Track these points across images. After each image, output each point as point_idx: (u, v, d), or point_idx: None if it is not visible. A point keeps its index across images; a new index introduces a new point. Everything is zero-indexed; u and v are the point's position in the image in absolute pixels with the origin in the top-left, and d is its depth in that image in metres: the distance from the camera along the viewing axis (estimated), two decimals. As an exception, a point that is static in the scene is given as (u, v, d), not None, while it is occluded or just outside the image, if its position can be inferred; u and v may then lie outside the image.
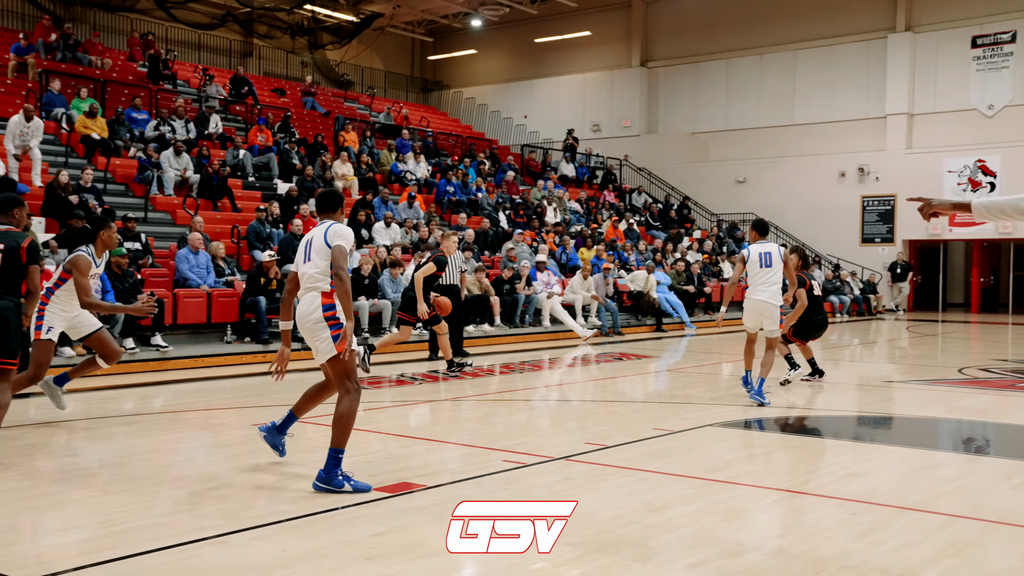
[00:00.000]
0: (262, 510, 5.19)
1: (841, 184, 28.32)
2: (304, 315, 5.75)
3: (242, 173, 18.43)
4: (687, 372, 13.21)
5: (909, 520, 5.10)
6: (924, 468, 6.54)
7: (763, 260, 9.18)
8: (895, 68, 27.57)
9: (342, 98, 28.85)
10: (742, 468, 6.36)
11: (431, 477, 5.98)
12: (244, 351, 12.71)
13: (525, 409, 9.40)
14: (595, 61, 33.60)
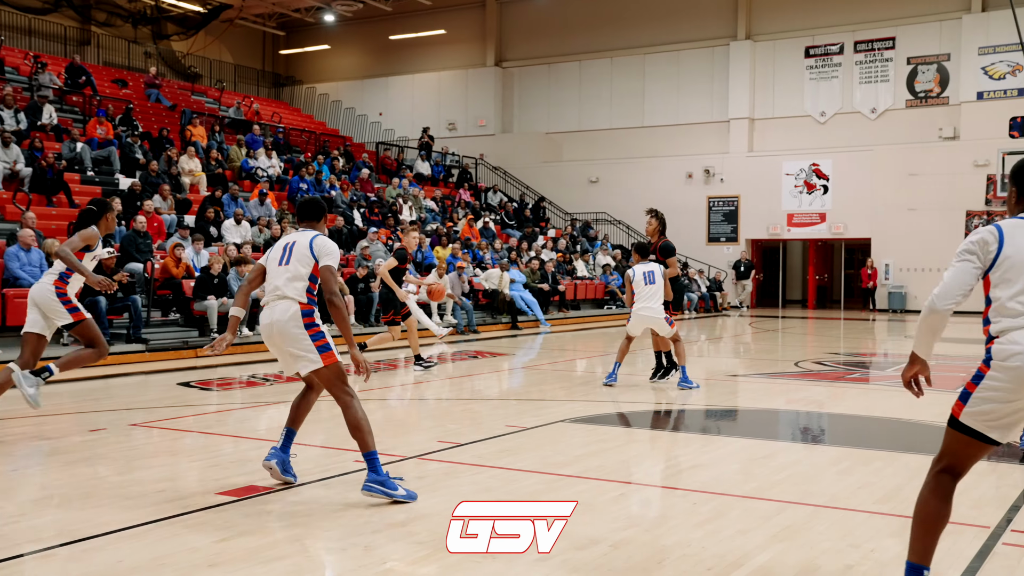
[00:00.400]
0: (97, 520, 4.95)
1: (688, 185, 29.36)
2: (280, 322, 5.47)
3: (80, 167, 17.54)
4: (542, 369, 13.41)
5: (745, 507, 5.34)
6: (761, 457, 6.86)
7: (647, 278, 10.43)
8: (737, 74, 28.82)
9: (189, 91, 27.85)
10: (591, 463, 6.51)
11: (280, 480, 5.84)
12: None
13: (380, 408, 9.32)
14: (450, 60, 33.66)
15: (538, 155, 31.93)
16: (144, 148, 19.37)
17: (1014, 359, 3.34)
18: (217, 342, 5.79)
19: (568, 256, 24.96)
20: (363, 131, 32.76)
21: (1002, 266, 3.44)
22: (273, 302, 5.56)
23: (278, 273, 5.60)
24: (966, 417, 3.45)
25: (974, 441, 3.46)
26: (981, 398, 3.41)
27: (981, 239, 3.49)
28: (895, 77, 27.12)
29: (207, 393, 10.26)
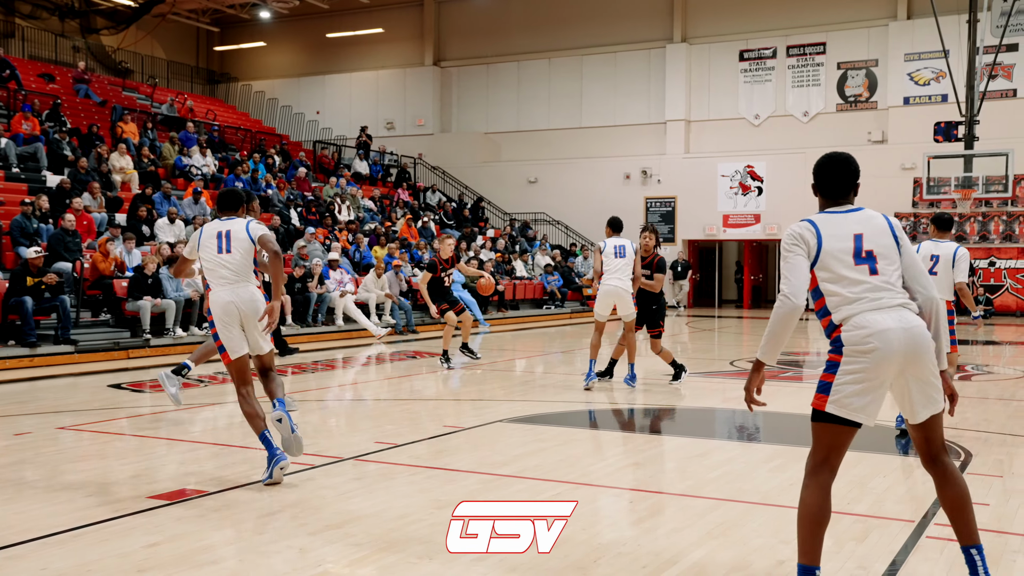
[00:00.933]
0: (21, 526, 4.82)
1: (626, 185, 29.61)
2: (247, 301, 6.06)
3: (4, 163, 17.03)
4: (482, 369, 13.40)
5: (680, 505, 5.40)
6: (696, 456, 6.95)
7: (617, 251, 10.20)
8: (673, 77, 29.15)
9: (120, 87, 27.24)
10: (528, 462, 6.52)
11: (214, 483, 5.76)
12: (7, 355, 11.76)
13: (317, 410, 9.23)
14: (388, 59, 33.46)
15: (477, 155, 31.90)
16: (73, 145, 18.89)
17: (869, 340, 3.51)
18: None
19: (507, 256, 25.00)
20: (300, 129, 32.39)
21: (825, 258, 3.65)
22: (231, 286, 6.07)
23: (224, 261, 6.10)
24: (832, 407, 3.55)
25: (843, 428, 3.58)
26: (842, 385, 3.54)
27: (799, 234, 3.71)
28: (826, 81, 27.70)
29: (139, 395, 10.05)
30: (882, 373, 3.52)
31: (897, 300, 3.61)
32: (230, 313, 6.03)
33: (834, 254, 3.65)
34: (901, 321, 3.55)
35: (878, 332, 3.51)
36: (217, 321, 6.06)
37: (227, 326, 6.04)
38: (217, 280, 6.10)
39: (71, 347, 12.48)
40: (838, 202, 3.83)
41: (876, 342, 3.49)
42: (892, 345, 3.50)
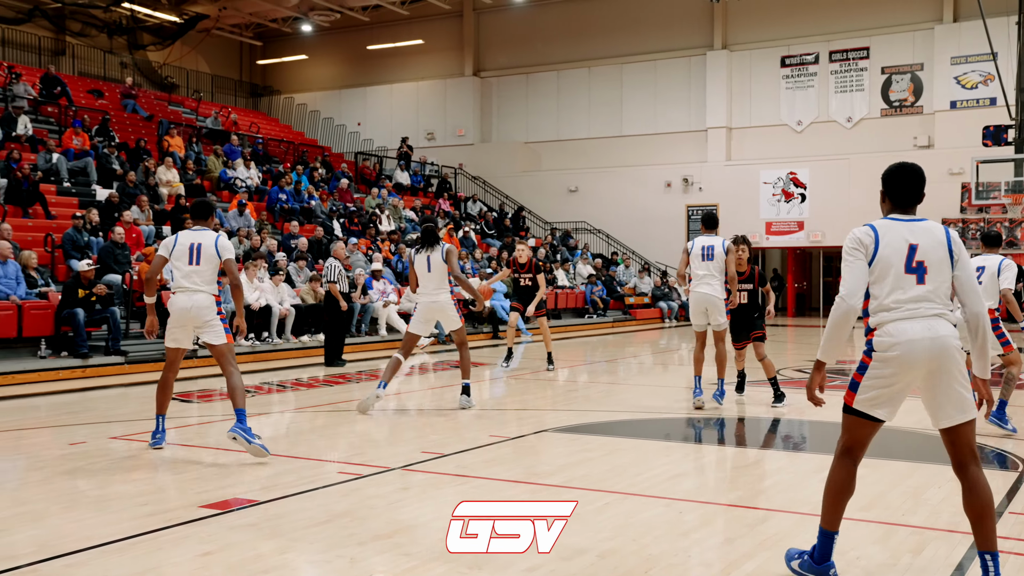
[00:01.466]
0: (79, 534, 4.90)
1: (667, 194, 29.48)
2: (200, 308, 7.17)
3: (56, 178, 17.38)
4: (524, 379, 13.39)
5: (731, 516, 5.35)
6: (745, 465, 6.88)
7: (705, 253, 9.23)
8: (714, 84, 28.99)
9: (166, 101, 27.69)
10: (575, 472, 6.50)
11: (263, 492, 5.81)
12: (60, 366, 11.98)
13: (361, 420, 9.28)
14: (428, 69, 33.66)
15: (517, 164, 31.96)
16: (121, 159, 19.22)
17: (893, 349, 3.84)
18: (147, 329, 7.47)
19: (548, 265, 24.98)
20: (341, 141, 32.68)
21: (878, 264, 3.90)
22: (191, 293, 7.18)
23: (190, 271, 7.21)
24: (858, 404, 3.97)
25: (866, 422, 3.98)
26: (868, 385, 3.92)
27: (859, 238, 3.97)
28: (870, 86, 27.37)
29: (187, 405, 10.17)
30: (904, 379, 3.85)
31: (935, 310, 3.84)
32: (182, 319, 7.21)
33: (887, 260, 3.88)
34: (930, 331, 3.80)
35: (904, 342, 3.80)
36: (170, 321, 7.26)
37: (175, 327, 7.25)
38: (180, 286, 7.22)
39: (121, 358, 12.68)
40: (904, 210, 4.03)
41: (900, 351, 3.81)
42: (915, 354, 3.79)
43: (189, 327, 7.28)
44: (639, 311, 25.79)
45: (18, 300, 12.25)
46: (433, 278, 9.34)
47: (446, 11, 32.60)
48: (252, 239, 17.55)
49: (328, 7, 30.89)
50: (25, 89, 21.31)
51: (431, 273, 9.34)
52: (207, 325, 7.24)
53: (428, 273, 9.35)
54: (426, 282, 9.36)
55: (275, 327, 14.86)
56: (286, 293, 15.57)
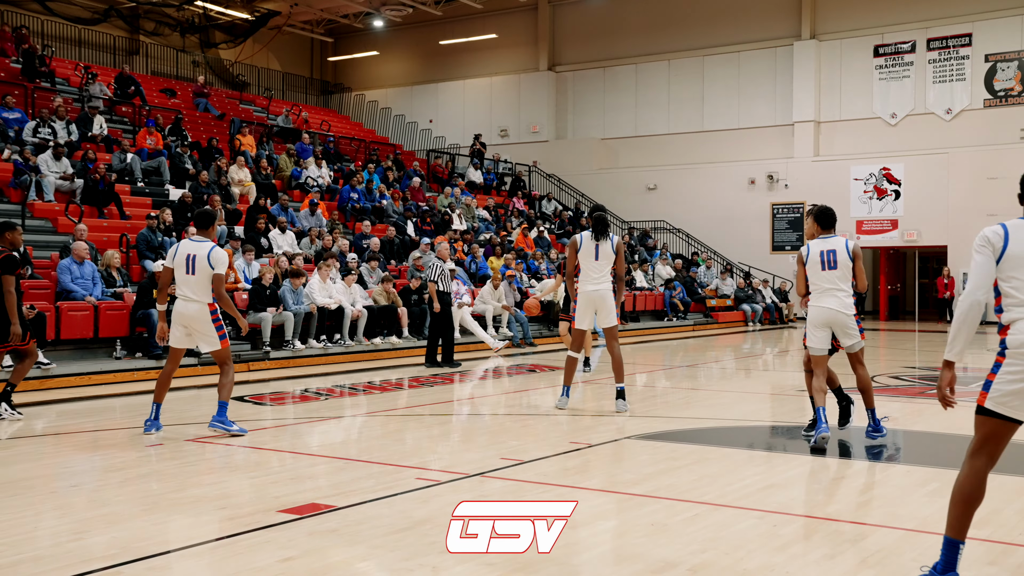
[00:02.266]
0: (158, 538, 5.02)
1: (751, 191, 29.08)
2: (196, 318, 8.10)
3: (130, 178, 17.90)
4: (601, 384, 13.33)
5: (829, 530, 5.23)
6: (840, 478, 6.73)
7: (826, 260, 7.61)
8: (801, 75, 28.49)
9: (237, 100, 28.31)
10: (661, 481, 6.43)
11: (341, 497, 5.88)
12: (135, 367, 12.31)
13: (436, 424, 9.34)
14: (502, 64, 33.78)
15: (594, 162, 31.86)
16: (193, 158, 19.70)
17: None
18: (161, 333, 8.32)
19: (626, 266, 24.81)
20: (413, 139, 33.01)
21: (1006, 261, 4.00)
22: (186, 302, 8.11)
23: (188, 280, 8.09)
24: (990, 403, 3.97)
25: (1000, 422, 3.97)
26: (1001, 384, 3.94)
27: (987, 236, 4.07)
28: (972, 75, 26.58)
29: (260, 408, 10.36)
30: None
31: None
32: (178, 322, 8.17)
33: (1017, 258, 3.98)
34: None
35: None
36: (172, 321, 8.23)
37: (174, 328, 8.22)
38: (179, 292, 8.15)
39: (195, 359, 12.96)
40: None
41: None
42: None
43: (187, 332, 8.20)
44: (721, 314, 25.48)
45: (94, 301, 12.63)
46: (599, 267, 9.39)
47: (521, 4, 32.69)
48: (324, 239, 17.84)
49: (400, 2, 31.24)
50: (101, 89, 22.01)
51: (598, 262, 9.37)
52: (200, 334, 8.16)
53: (595, 262, 9.37)
54: (591, 270, 9.37)
55: (347, 329, 15.06)
56: (358, 294, 15.76)
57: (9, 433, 8.54)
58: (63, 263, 12.85)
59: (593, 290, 9.41)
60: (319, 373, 13.35)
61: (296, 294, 14.55)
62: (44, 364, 11.42)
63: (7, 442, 8.17)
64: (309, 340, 14.61)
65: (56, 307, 12.23)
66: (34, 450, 7.90)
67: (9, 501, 5.92)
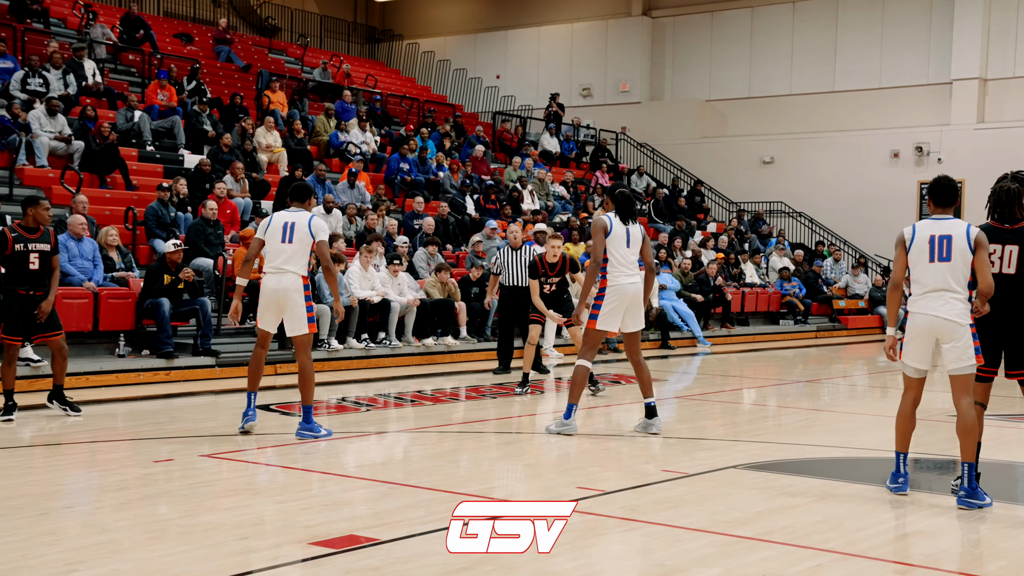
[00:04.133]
0: (168, 571, 5.13)
1: (894, 167, 28.62)
2: (291, 289, 8.73)
3: (138, 140, 18.26)
4: (701, 400, 13.26)
5: (988, 589, 5.13)
6: (1004, 527, 6.59)
7: (937, 249, 6.94)
8: (965, 21, 27.86)
9: (266, 48, 28.73)
10: (775, 522, 6.39)
11: (384, 529, 5.94)
12: (142, 367, 12.59)
13: (498, 444, 9.39)
14: (586, 8, 33.72)
15: (696, 129, 31.65)
16: (213, 118, 20.01)
17: None
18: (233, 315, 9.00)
19: (734, 257, 24.64)
20: (476, 98, 33.12)
21: None
22: (280, 275, 8.70)
23: (284, 249, 8.72)
24: None
25: None
26: None
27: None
28: None
29: (289, 419, 10.51)
30: None
31: None
32: (270, 300, 8.78)
33: None
34: None
35: None
36: (260, 302, 8.85)
37: (265, 310, 8.84)
38: (272, 266, 8.76)
39: (212, 359, 13.21)
40: None
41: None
42: None
43: (278, 309, 8.79)
44: (851, 318, 25.15)
45: (94, 287, 12.91)
46: (631, 255, 9.26)
47: (610, -67, 32.61)
48: (367, 218, 17.96)
49: (463, -70, 31.37)
50: (103, 32, 22.42)
51: (630, 249, 9.24)
52: (289, 311, 8.76)
53: (627, 249, 9.22)
54: (624, 260, 9.17)
55: (394, 327, 15.17)
56: (407, 285, 15.85)
57: (-6, 441, 8.79)
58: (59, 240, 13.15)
59: (630, 283, 9.20)
60: (360, 379, 13.50)
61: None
62: (34, 362, 11.73)
63: (-9, 452, 8.42)
64: (348, 339, 14.78)
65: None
66: (21, 463, 8.13)
67: (-7, 521, 6.10)
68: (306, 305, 8.77)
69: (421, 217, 18.94)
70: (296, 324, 8.79)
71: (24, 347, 10.71)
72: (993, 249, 7.03)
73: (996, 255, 7.03)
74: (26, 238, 9.52)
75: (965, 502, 6.90)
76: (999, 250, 7.04)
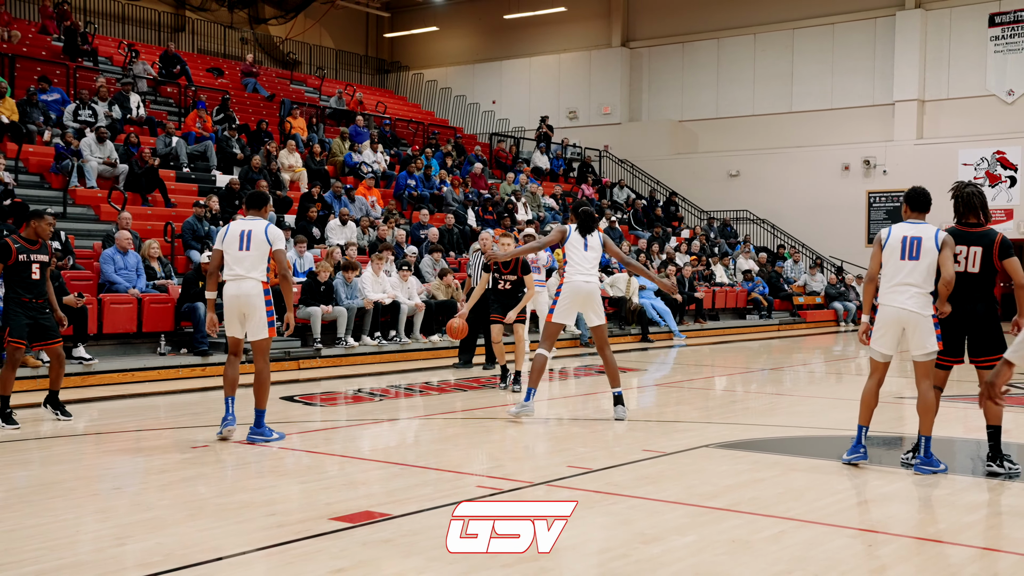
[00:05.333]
0: (205, 544, 5.12)
1: (845, 178, 28.62)
2: (251, 294, 7.99)
3: (175, 163, 18.25)
4: (677, 387, 13.26)
5: (932, 553, 5.13)
6: (944, 494, 6.59)
7: (908, 248, 7.06)
8: (904, 49, 27.87)
9: (288, 79, 28.70)
10: (743, 494, 6.38)
11: (396, 505, 5.94)
12: (180, 364, 12.57)
13: (498, 429, 9.37)
14: (571, 40, 33.69)
15: (670, 146, 31.63)
16: (241, 142, 20.00)
17: None
18: (211, 326, 8.55)
19: (705, 260, 24.64)
20: (475, 121, 33.10)
21: None
22: (240, 281, 8.01)
23: (241, 257, 8.03)
24: None
25: None
26: None
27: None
28: (1097, 49, 25.78)
29: (311, 408, 10.51)
30: None
31: None
32: (233, 307, 8.07)
33: None
34: None
35: None
36: (225, 311, 8.18)
37: (230, 318, 8.15)
38: (231, 273, 8.05)
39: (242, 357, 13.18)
40: None
41: None
42: None
43: (242, 315, 8.09)
44: (810, 312, 25.14)
45: (138, 293, 12.91)
46: (589, 258, 9.32)
47: (591, -26, 32.58)
48: (379, 229, 17.98)
49: (461, -27, 31.36)
50: (144, 68, 22.44)
51: (587, 253, 9.31)
52: (252, 317, 8.04)
53: (584, 252, 9.31)
54: (580, 261, 9.25)
55: (403, 325, 15.17)
56: (414, 288, 15.86)
57: (50, 432, 8.79)
58: (106, 253, 13.16)
59: (584, 282, 9.24)
60: (373, 372, 13.48)
61: (349, 288, 14.71)
62: (86, 359, 11.73)
63: (48, 441, 8.41)
64: (363, 337, 14.76)
65: (98, 300, 12.53)
66: (75, 449, 8.13)
67: (50, 503, 6.09)
68: (267, 310, 8.07)
69: (427, 228, 18.94)
70: (257, 329, 8.08)
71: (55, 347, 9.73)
72: (960, 250, 7.13)
73: (962, 255, 7.14)
74: (28, 249, 8.93)
75: (922, 469, 7.04)
76: (965, 251, 7.16)
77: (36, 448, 8.13)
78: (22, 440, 8.32)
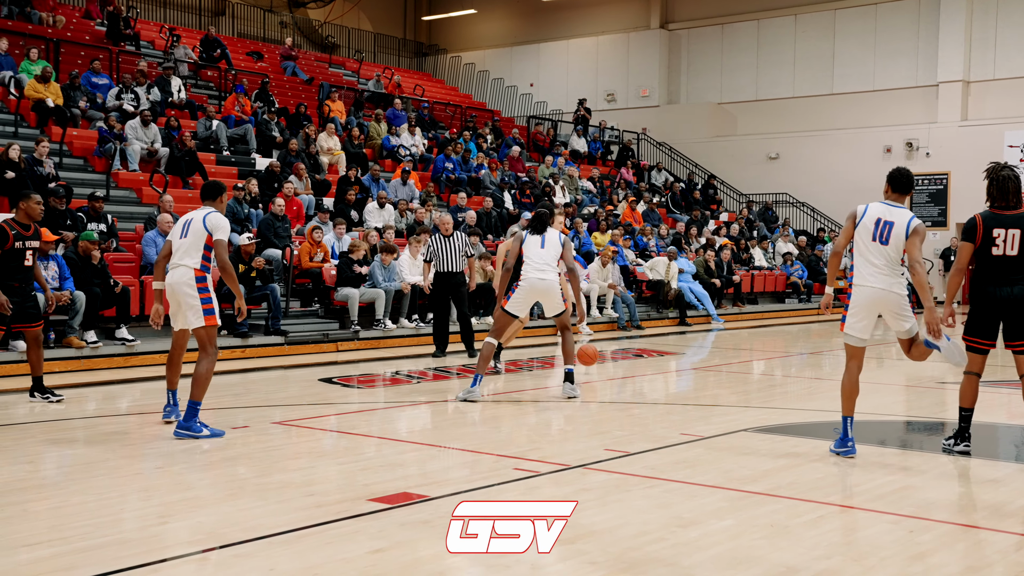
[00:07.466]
0: (245, 523, 5.17)
1: (886, 161, 28.18)
2: (179, 283, 7.55)
3: (215, 146, 18.38)
4: (715, 371, 13.20)
5: (974, 539, 5.07)
6: (986, 481, 6.51)
7: (879, 231, 6.94)
8: (949, 29, 27.41)
9: (326, 63, 28.76)
10: (782, 479, 6.34)
11: (434, 487, 5.96)
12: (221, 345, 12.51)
13: (535, 411, 9.39)
14: (610, 22, 33.48)
15: (709, 129, 31.39)
16: (280, 125, 20.10)
17: None
18: (155, 317, 7.95)
19: (744, 243, 24.45)
20: (512, 104, 33.01)
21: None
22: (174, 269, 7.61)
23: (178, 247, 7.65)
24: None
25: None
26: None
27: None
28: None
29: (349, 390, 10.57)
30: None
31: None
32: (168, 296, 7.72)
33: None
34: None
35: None
36: (169, 301, 7.75)
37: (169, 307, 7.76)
38: (170, 263, 7.70)
39: (281, 338, 13.30)
40: None
41: None
42: None
43: (176, 304, 7.66)
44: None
45: (179, 275, 13.01)
46: (545, 255, 9.66)
47: (630, -45, 32.34)
48: (416, 212, 18.02)
49: (499, -45, 31.24)
50: (185, 52, 22.61)
51: (544, 250, 9.67)
52: (183, 305, 7.57)
53: (541, 250, 9.67)
54: (536, 258, 9.65)
55: (441, 308, 15.18)
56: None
57: (93, 411, 8.90)
58: (148, 235, 13.28)
59: (539, 279, 9.60)
60: (410, 355, 13.53)
61: (387, 270, 14.75)
62: (129, 341, 11.87)
63: (91, 421, 8.53)
64: (400, 320, 14.80)
65: (140, 282, 12.66)
66: (119, 430, 8.23)
67: (95, 481, 6.18)
68: (201, 298, 7.51)
69: (464, 211, 18.92)
70: (191, 317, 7.53)
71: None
72: (997, 233, 7.00)
73: (1000, 239, 7.01)
74: (23, 236, 8.75)
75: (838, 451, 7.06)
76: (1003, 234, 7.01)
77: (81, 428, 8.24)
78: (67, 419, 8.44)
